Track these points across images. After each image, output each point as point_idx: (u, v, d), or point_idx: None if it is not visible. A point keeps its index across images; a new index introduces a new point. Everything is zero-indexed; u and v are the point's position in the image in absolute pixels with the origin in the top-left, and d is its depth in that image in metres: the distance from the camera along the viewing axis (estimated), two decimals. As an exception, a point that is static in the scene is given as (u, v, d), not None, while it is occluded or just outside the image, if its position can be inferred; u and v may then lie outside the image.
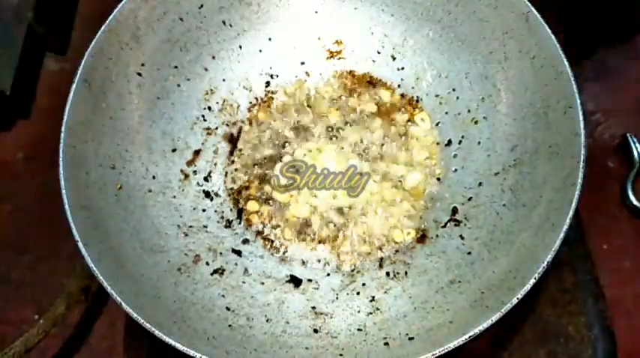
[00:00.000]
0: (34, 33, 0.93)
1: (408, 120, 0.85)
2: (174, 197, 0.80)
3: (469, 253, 0.74)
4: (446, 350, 0.60)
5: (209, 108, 0.86)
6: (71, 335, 0.80)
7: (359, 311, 0.73)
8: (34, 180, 0.88)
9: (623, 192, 0.83)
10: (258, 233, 0.80)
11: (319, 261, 0.78)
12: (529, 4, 0.74)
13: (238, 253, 0.78)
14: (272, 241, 0.79)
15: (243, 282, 0.76)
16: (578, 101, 0.69)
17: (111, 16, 0.76)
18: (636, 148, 0.83)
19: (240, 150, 0.85)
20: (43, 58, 0.97)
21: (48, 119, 0.84)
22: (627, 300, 0.80)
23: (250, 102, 0.87)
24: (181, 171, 0.82)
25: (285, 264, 0.78)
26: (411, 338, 0.67)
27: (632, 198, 0.82)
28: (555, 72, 0.72)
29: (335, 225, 0.79)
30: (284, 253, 0.79)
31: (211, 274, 0.76)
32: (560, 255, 0.64)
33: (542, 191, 0.70)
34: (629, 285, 0.81)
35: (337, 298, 0.75)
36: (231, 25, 0.87)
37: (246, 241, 0.79)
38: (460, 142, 0.82)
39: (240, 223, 0.81)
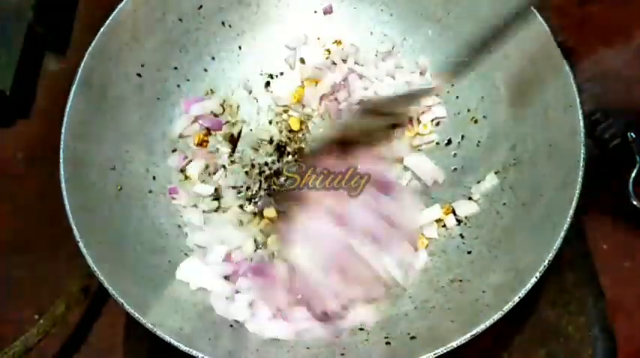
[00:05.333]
0: (34, 33, 0.93)
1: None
2: (175, 198, 0.80)
3: (469, 252, 0.74)
4: (448, 350, 0.60)
5: (209, 108, 0.86)
6: (71, 335, 0.80)
7: (360, 311, 0.73)
8: (34, 180, 0.88)
9: (623, 192, 0.83)
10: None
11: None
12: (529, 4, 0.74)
13: (238, 253, 0.78)
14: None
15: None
16: (578, 100, 0.69)
17: (110, 17, 0.76)
18: (636, 148, 0.83)
19: (243, 150, 0.85)
20: (43, 58, 0.97)
21: (48, 119, 0.85)
22: (627, 300, 0.80)
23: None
24: (181, 171, 0.82)
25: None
26: (412, 338, 0.66)
27: (632, 198, 0.82)
28: (555, 71, 0.72)
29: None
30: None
31: (211, 274, 0.76)
32: (560, 254, 0.64)
33: (543, 190, 0.70)
34: (629, 285, 0.81)
35: (338, 297, 0.75)
36: (230, 26, 0.87)
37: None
38: (460, 142, 0.82)
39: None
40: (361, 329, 0.70)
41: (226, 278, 0.74)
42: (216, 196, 0.81)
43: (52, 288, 0.78)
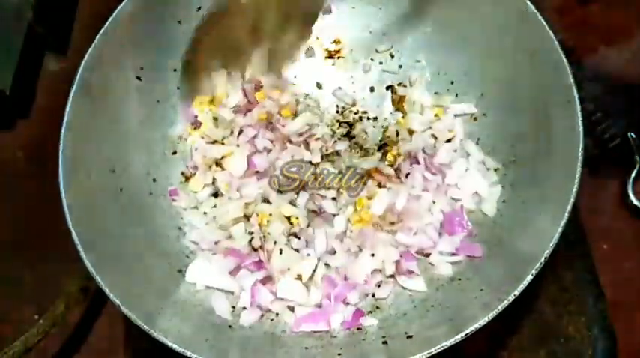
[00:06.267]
0: (34, 33, 0.93)
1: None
2: (175, 200, 0.80)
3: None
4: (442, 349, 0.60)
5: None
6: (71, 335, 0.80)
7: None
8: (34, 180, 0.88)
9: (623, 192, 0.83)
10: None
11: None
12: (527, 2, 0.74)
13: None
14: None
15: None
16: (577, 97, 0.69)
17: (110, 19, 0.76)
18: (636, 148, 0.83)
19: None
20: (43, 58, 0.97)
21: (48, 119, 0.84)
22: (627, 300, 0.80)
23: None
24: (182, 173, 0.82)
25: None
26: (409, 337, 0.66)
27: (632, 198, 0.82)
28: (554, 68, 0.72)
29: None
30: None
31: (212, 275, 0.76)
32: (560, 254, 0.64)
33: (542, 187, 0.70)
34: (629, 285, 0.81)
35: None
36: (230, 26, 0.87)
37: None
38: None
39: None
40: (359, 328, 0.70)
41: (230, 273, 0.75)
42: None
43: (52, 288, 0.78)
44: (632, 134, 0.83)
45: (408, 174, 0.79)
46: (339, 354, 0.66)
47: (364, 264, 0.74)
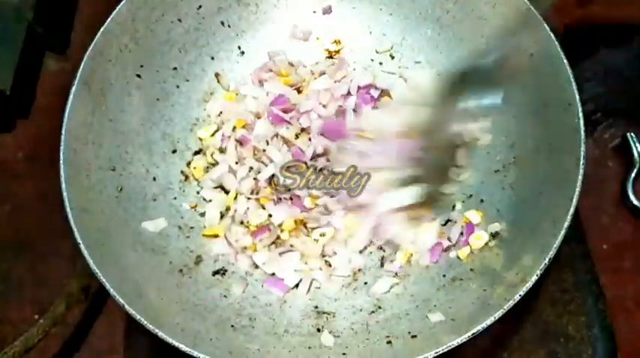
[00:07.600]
0: (34, 33, 0.93)
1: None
2: (175, 198, 0.80)
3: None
4: (449, 348, 0.60)
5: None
6: (71, 335, 0.80)
7: (361, 310, 0.73)
8: (34, 180, 0.88)
9: (623, 192, 0.83)
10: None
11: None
12: (527, 3, 0.74)
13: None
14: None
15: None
16: (578, 97, 0.69)
17: (109, 18, 0.76)
18: (636, 148, 0.83)
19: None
20: (43, 58, 0.97)
21: (48, 119, 0.84)
22: (627, 300, 0.80)
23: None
24: (182, 172, 0.82)
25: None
26: (413, 337, 0.67)
27: (632, 198, 0.82)
28: (554, 69, 0.72)
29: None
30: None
31: (213, 275, 0.76)
32: (560, 254, 0.64)
33: (543, 188, 0.71)
34: (629, 285, 0.81)
35: (339, 297, 0.75)
36: (229, 26, 0.87)
37: (246, 241, 0.79)
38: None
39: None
40: (362, 328, 0.71)
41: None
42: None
43: (52, 288, 0.78)
44: (632, 134, 0.84)
45: None
46: (344, 354, 0.67)
47: None
